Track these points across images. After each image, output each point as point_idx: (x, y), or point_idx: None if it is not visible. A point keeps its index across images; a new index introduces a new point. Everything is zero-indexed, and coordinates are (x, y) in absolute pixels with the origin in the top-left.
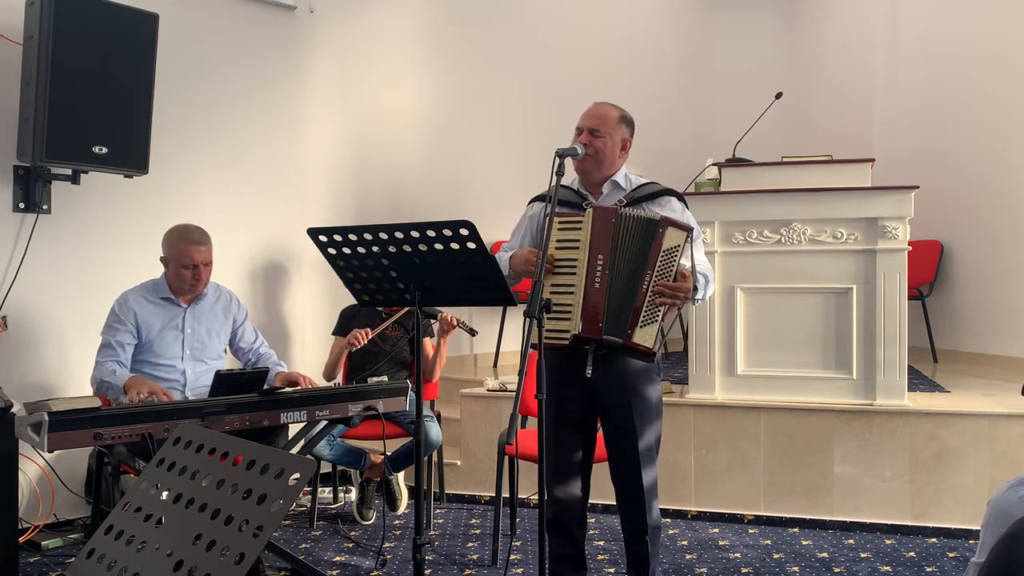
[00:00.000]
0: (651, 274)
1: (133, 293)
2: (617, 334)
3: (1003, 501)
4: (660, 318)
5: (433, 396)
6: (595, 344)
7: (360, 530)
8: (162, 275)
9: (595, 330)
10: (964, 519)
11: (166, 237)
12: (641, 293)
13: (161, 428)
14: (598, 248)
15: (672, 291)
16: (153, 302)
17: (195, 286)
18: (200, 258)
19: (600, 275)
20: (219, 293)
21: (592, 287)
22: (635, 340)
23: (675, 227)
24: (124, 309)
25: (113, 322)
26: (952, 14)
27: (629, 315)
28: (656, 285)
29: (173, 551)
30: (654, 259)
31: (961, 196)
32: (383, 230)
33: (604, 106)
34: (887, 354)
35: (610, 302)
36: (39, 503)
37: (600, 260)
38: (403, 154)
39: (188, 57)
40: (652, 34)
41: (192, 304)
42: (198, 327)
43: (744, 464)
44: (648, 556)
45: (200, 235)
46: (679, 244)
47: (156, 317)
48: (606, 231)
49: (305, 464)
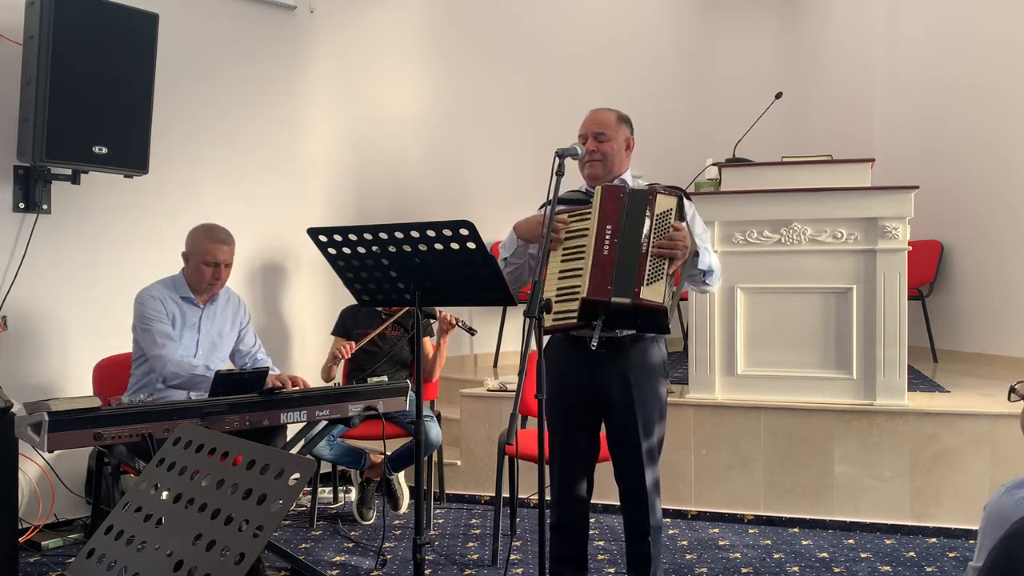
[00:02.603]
0: (649, 236)
1: (154, 289)
2: (625, 294)
3: (1000, 505)
4: (666, 274)
5: (433, 396)
6: (604, 310)
7: (360, 530)
8: (180, 272)
9: (604, 291)
10: (964, 519)
11: (192, 233)
12: (642, 255)
13: (161, 428)
14: (607, 220)
15: (670, 241)
16: (174, 301)
17: (213, 285)
18: (223, 257)
19: (608, 243)
20: (229, 296)
21: (601, 254)
22: (643, 297)
23: (664, 193)
24: (154, 302)
25: (153, 314)
26: (952, 14)
27: (635, 274)
28: (655, 243)
29: (173, 551)
30: (650, 224)
31: (961, 196)
32: (383, 230)
33: (602, 111)
34: (887, 354)
35: (618, 265)
36: (39, 503)
37: (609, 230)
38: (403, 154)
39: (188, 57)
40: (652, 34)
41: (207, 305)
42: (211, 328)
43: (744, 464)
44: (650, 556)
45: (226, 235)
46: (671, 208)
47: (178, 315)
48: (615, 205)
49: (305, 464)
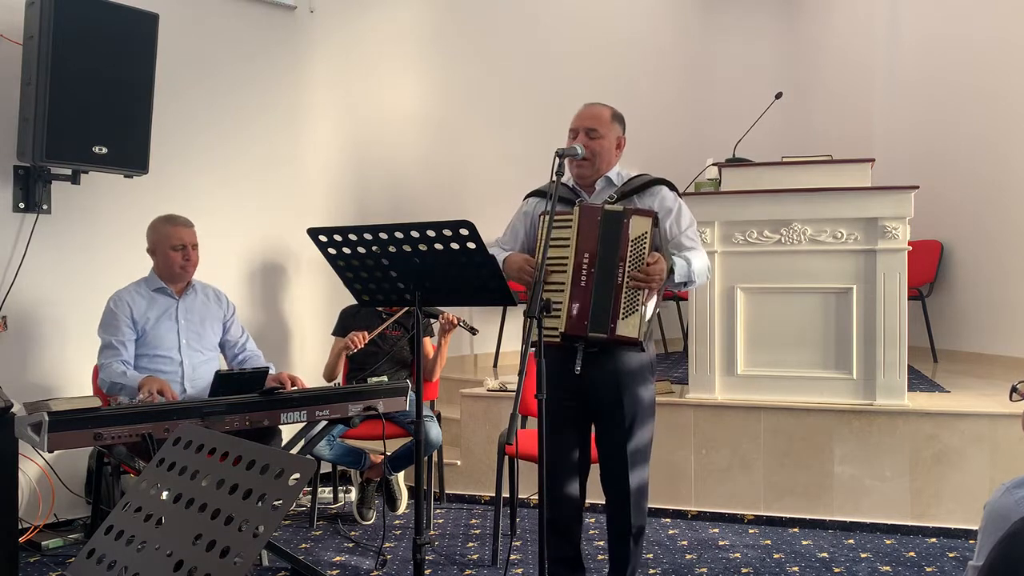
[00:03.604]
0: (624, 265)
1: (125, 290)
2: (601, 330)
3: (1000, 504)
4: (640, 306)
5: (433, 396)
6: (583, 341)
7: (360, 530)
8: (151, 270)
9: (581, 328)
10: (964, 519)
11: (151, 226)
12: (617, 286)
13: (161, 428)
14: (584, 247)
15: (645, 275)
16: (145, 296)
17: (186, 267)
18: (188, 239)
19: (585, 273)
20: (206, 291)
21: (578, 286)
22: (619, 332)
23: (639, 215)
24: (119, 304)
25: (110, 320)
26: (952, 14)
27: (610, 309)
28: (629, 274)
29: (173, 551)
30: (624, 250)
31: (961, 196)
32: (383, 230)
33: (597, 106)
34: (887, 354)
35: (595, 299)
36: (39, 503)
37: (586, 259)
38: (403, 153)
39: (188, 57)
40: (652, 34)
41: (183, 296)
42: (192, 317)
43: (744, 464)
44: (628, 555)
45: (184, 220)
46: (646, 231)
47: (151, 309)
48: (592, 230)
49: (305, 464)
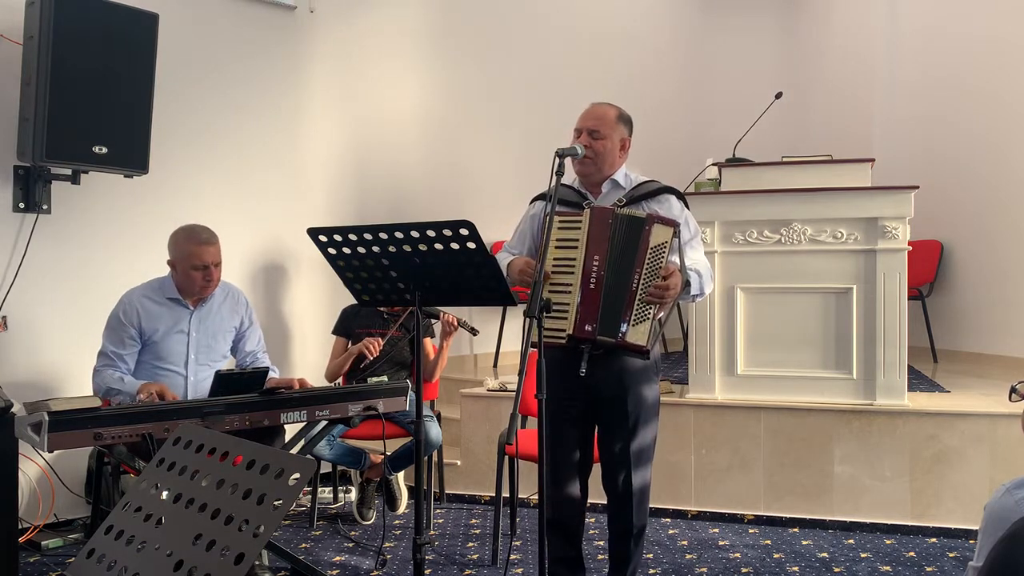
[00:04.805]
0: (640, 272)
1: (138, 294)
2: (610, 335)
3: (999, 505)
4: (652, 316)
5: (433, 396)
6: (590, 344)
7: (360, 530)
8: (168, 275)
9: (590, 332)
10: (964, 519)
11: (172, 239)
12: (631, 292)
13: (161, 428)
14: (594, 249)
15: (661, 290)
16: (159, 303)
17: (206, 287)
18: (210, 258)
19: (595, 276)
20: (227, 291)
21: (587, 289)
22: (628, 339)
23: (661, 224)
24: (128, 311)
25: (115, 325)
26: (952, 14)
27: (621, 315)
28: (645, 285)
29: (173, 551)
30: (642, 257)
31: (961, 196)
32: (383, 230)
33: (602, 106)
34: (887, 354)
35: (604, 303)
36: (39, 503)
37: (596, 261)
38: (403, 154)
39: (188, 57)
40: (652, 33)
41: (199, 306)
42: (204, 330)
43: (744, 464)
44: (629, 555)
45: (208, 234)
46: (666, 241)
47: (161, 320)
48: (603, 232)
49: (305, 464)
